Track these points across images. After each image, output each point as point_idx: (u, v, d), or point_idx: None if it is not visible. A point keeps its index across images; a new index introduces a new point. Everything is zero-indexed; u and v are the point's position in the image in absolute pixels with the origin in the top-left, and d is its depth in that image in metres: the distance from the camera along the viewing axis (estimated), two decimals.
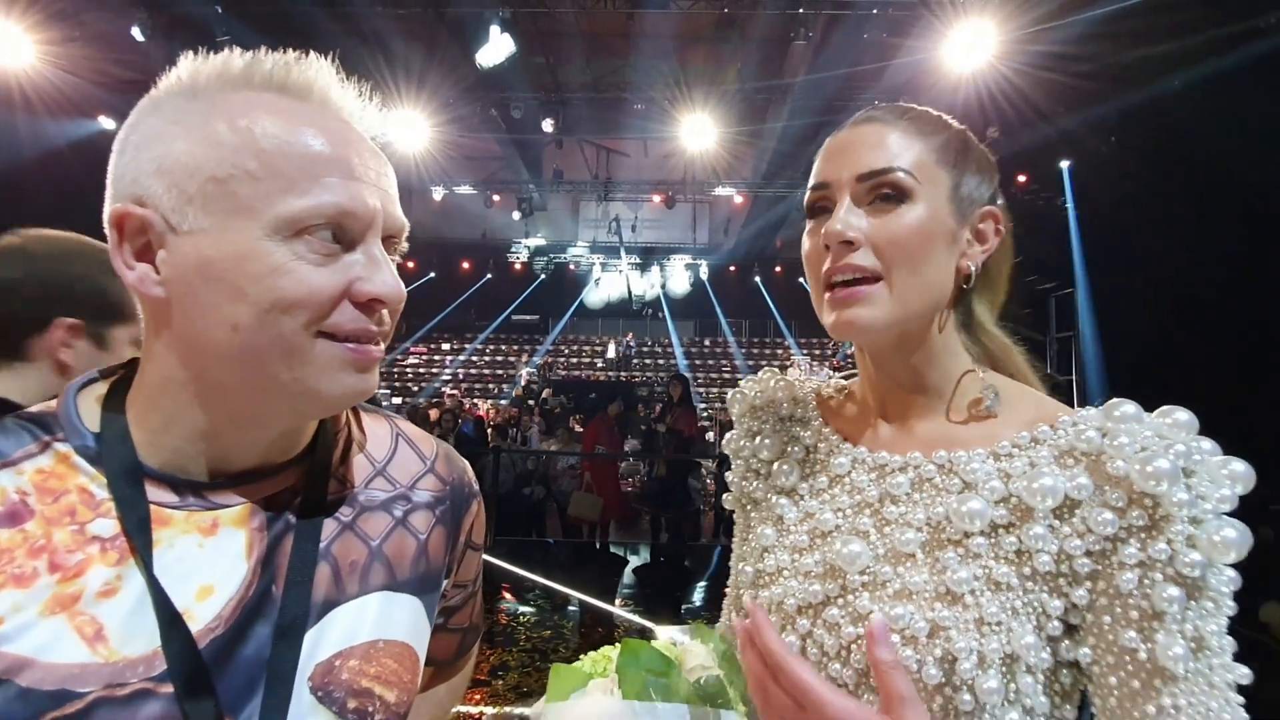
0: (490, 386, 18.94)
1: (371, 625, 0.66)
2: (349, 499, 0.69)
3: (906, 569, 0.71)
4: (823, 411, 0.89)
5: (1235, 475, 0.63)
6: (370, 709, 0.63)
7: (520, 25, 8.39)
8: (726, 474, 0.94)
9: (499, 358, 20.97)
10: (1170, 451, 0.62)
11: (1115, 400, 0.69)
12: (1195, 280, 6.67)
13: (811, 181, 0.79)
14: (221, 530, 0.61)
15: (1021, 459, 0.71)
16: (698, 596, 6.14)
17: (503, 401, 15.77)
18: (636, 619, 4.94)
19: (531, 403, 14.45)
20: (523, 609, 5.40)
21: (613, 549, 7.29)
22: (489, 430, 9.77)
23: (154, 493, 0.60)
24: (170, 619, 0.56)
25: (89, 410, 0.62)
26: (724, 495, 0.94)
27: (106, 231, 0.58)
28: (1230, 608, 0.62)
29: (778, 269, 20.58)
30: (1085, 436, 0.67)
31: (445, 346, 21.11)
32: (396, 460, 0.75)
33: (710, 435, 11.91)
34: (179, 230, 0.56)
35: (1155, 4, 6.02)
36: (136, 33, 7.58)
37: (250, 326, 0.56)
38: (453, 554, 0.77)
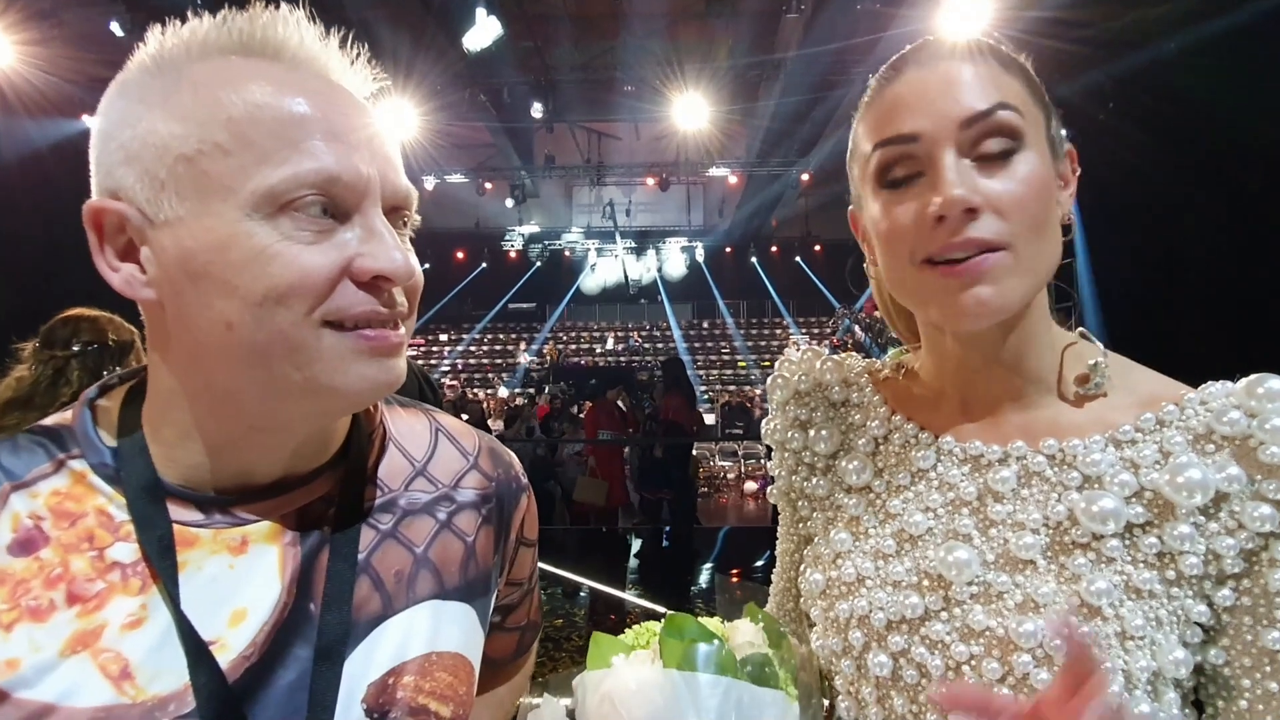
0: (490, 376, 18.93)
1: (423, 638, 0.61)
2: (388, 504, 0.64)
3: (1026, 577, 0.62)
4: (884, 395, 0.79)
5: None
6: None
7: (506, 8, 8.27)
8: (769, 463, 0.86)
9: (497, 347, 20.94)
10: None
11: (1257, 376, 0.61)
12: (1196, 248, 6.63)
13: (886, 134, 0.64)
14: (252, 548, 0.56)
15: (1148, 445, 0.62)
16: (704, 579, 6.16)
17: (504, 392, 15.72)
18: (647, 603, 4.95)
19: (532, 390, 14.42)
20: None
21: (619, 533, 7.31)
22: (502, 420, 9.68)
23: (177, 511, 0.55)
24: (196, 651, 0.52)
25: (108, 421, 0.57)
26: (769, 489, 0.86)
27: (88, 233, 0.53)
28: None
29: (774, 249, 20.51)
30: (1228, 419, 0.60)
31: (443, 338, 21.07)
32: (437, 458, 0.70)
33: (711, 418, 11.87)
34: (156, 222, 0.51)
35: None
36: (115, 28, 7.46)
37: (245, 323, 0.50)
38: (504, 553, 0.72)
